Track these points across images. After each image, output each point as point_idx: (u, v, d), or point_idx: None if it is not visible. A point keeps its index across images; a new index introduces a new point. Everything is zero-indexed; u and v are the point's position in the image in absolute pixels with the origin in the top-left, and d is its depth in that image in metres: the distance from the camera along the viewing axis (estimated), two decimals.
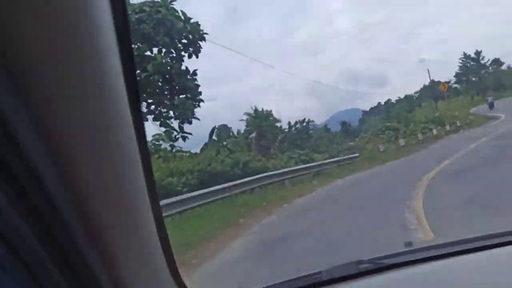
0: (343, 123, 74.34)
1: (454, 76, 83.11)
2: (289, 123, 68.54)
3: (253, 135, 56.81)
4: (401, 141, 22.05)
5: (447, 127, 26.06)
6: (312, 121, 66.79)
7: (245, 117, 56.08)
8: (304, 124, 69.04)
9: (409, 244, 1.41)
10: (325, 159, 22.83)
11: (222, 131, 22.06)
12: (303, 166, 16.54)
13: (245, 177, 13.64)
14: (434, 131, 24.57)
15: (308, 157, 23.51)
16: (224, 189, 11.32)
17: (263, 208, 9.74)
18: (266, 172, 14.88)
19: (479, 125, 26.02)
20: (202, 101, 23.55)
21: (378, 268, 1.18)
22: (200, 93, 24.28)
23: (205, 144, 21.53)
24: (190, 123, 22.84)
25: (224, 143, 21.06)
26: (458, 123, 27.40)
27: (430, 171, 10.35)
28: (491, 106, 40.41)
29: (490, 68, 79.56)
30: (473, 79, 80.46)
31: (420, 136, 23.28)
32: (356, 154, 19.97)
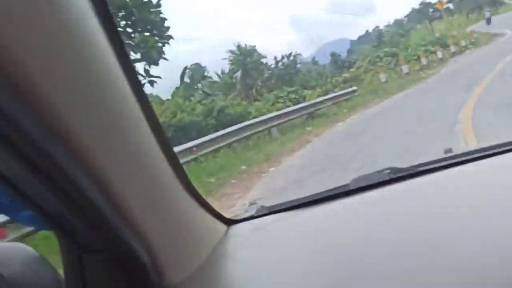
0: (333, 54, 70.38)
1: None
2: (275, 58, 63.87)
3: (238, 74, 53.04)
4: (404, 68, 19.01)
5: (452, 48, 22.92)
6: (299, 54, 62.79)
7: (228, 56, 51.19)
8: (291, 58, 64.98)
9: (449, 150, 1.22)
10: (318, 95, 19.90)
11: (196, 71, 18.78)
12: (293, 108, 13.60)
13: (222, 128, 10.84)
14: (439, 54, 21.47)
15: (299, 95, 20.53)
16: (186, 150, 8.47)
17: (241, 179, 6.94)
18: (248, 119, 12.06)
19: (486, 43, 22.96)
20: (171, 37, 20.14)
21: (412, 174, 1.06)
22: (167, 28, 20.68)
23: (176, 88, 18.41)
24: (157, 64, 19.73)
25: (199, 85, 17.92)
26: (463, 43, 24.22)
27: (462, 106, 7.62)
28: (488, 21, 38.99)
29: None
30: None
31: (423, 60, 20.22)
32: (354, 88, 17.01)
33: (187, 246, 0.79)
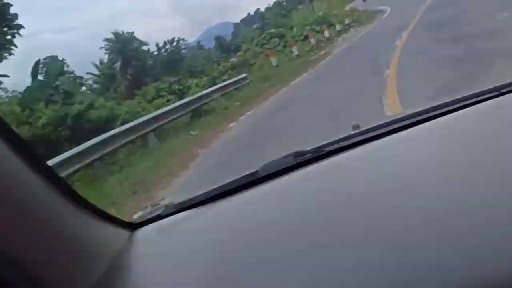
0: (217, 38, 68.26)
1: None
2: (157, 44, 59.65)
3: (118, 63, 48.63)
4: (294, 49, 17.55)
5: (337, 27, 22.33)
6: (183, 39, 59.26)
7: (104, 44, 46.64)
8: (175, 43, 61.19)
9: (356, 126, 1.20)
10: (205, 85, 17.55)
11: (51, 65, 15.00)
12: (174, 105, 11.04)
13: (75, 144, 7.94)
14: (326, 33, 20.60)
15: (183, 86, 17.94)
16: None
17: None
18: (114, 125, 9.28)
19: (371, 21, 22.82)
20: (22, 27, 16.41)
21: (319, 156, 1.06)
22: (15, 16, 16.58)
23: (28, 88, 14.47)
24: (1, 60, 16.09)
25: (57, 83, 14.28)
26: (347, 21, 23.85)
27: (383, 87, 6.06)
28: None
29: None
30: None
31: (312, 40, 19.08)
32: (244, 74, 15.02)
33: (81, 262, 0.77)
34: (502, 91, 1.05)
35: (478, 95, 1.07)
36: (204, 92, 12.51)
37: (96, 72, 47.73)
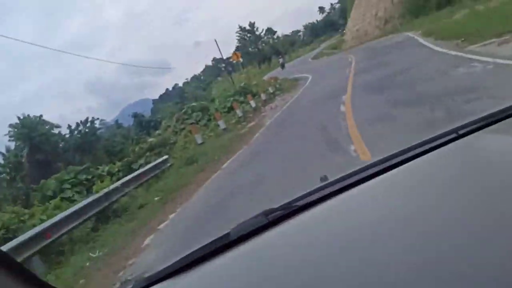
0: (135, 115, 65.46)
1: (235, 49, 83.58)
2: (69, 126, 56.01)
3: (26, 150, 43.95)
4: (220, 123, 15.74)
5: (263, 96, 21.30)
6: (98, 119, 55.45)
7: (8, 131, 42.00)
8: (89, 124, 56.96)
9: (324, 178, 1.27)
10: (119, 171, 14.82)
11: None
12: (71, 211, 8.20)
13: None
14: (252, 103, 19.32)
15: (92, 175, 14.98)
16: None
17: None
18: None
19: (294, 88, 22.22)
20: None
21: (289, 213, 1.08)
22: None
23: None
24: None
25: None
26: (271, 90, 23.05)
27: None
28: (282, 66, 43.43)
29: (265, 37, 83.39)
30: (252, 50, 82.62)
31: (238, 112, 17.54)
32: (165, 157, 12.69)
33: None
34: (460, 132, 1.10)
35: (439, 137, 1.11)
36: (115, 185, 9.84)
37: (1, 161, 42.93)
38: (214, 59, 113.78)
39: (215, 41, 37.85)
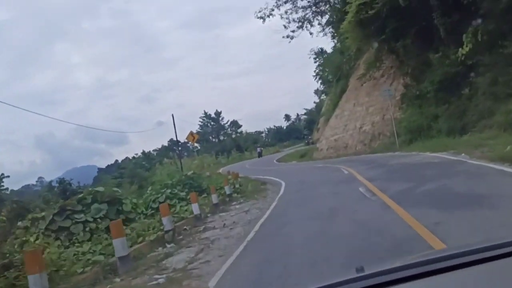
0: (62, 181, 55.77)
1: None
2: None
3: None
4: (117, 243, 8.32)
5: (214, 198, 14.34)
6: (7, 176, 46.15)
7: None
8: None
9: (360, 269, 1.20)
10: None
11: None
12: None
13: None
14: (195, 208, 12.22)
15: None
16: None
17: None
18: None
19: (260, 193, 15.58)
20: None
21: None
22: None
23: None
24: None
25: None
26: (227, 190, 16.24)
27: None
28: (259, 155, 43.83)
29: (229, 129, 79.29)
30: (213, 139, 77.66)
31: (166, 222, 10.27)
32: None
33: None
34: None
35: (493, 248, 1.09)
36: None
37: None
38: (170, 140, 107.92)
39: (172, 116, 31.70)
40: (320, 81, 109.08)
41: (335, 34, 43.03)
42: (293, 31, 44.59)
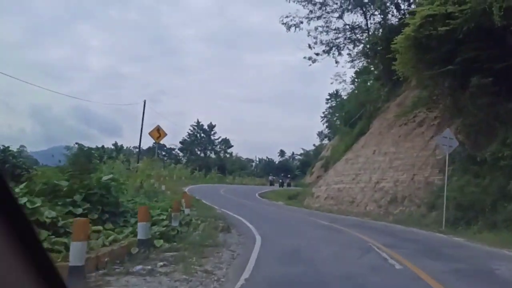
0: (5, 150, 48.00)
1: (180, 142, 70.87)
2: None
3: None
4: None
5: (139, 231, 7.27)
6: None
7: None
8: None
9: None
10: None
11: None
12: None
13: None
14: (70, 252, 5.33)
15: None
16: None
17: None
18: None
19: (213, 248, 8.42)
20: None
21: None
22: None
23: None
24: None
25: None
26: (173, 221, 9.15)
27: None
28: (271, 183, 42.88)
29: (219, 146, 72.21)
30: (199, 152, 70.52)
31: None
32: None
33: None
34: None
35: None
36: None
37: None
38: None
39: (144, 102, 24.86)
40: (326, 124, 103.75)
41: (367, 64, 36.80)
42: (317, 54, 38.48)
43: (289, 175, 79.73)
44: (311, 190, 31.16)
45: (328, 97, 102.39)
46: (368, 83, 33.10)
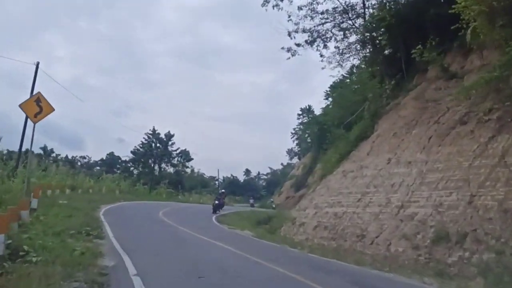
0: None
1: (132, 152, 60.84)
2: None
3: None
4: None
5: None
6: None
7: None
8: None
9: None
10: None
11: None
12: None
13: None
14: None
15: None
16: None
17: None
18: None
19: None
20: None
21: None
22: None
23: None
24: None
25: None
26: None
27: None
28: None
29: (176, 158, 62.68)
30: (152, 164, 60.68)
31: None
32: None
33: None
34: None
35: None
36: None
37: None
38: (110, 153, 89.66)
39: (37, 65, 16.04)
40: (296, 141, 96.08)
41: (363, 57, 29.31)
42: (298, 45, 30.73)
43: (252, 196, 71.21)
44: (289, 213, 22.63)
45: (300, 112, 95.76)
46: (367, 77, 25.41)
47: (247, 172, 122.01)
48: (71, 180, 26.47)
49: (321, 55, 30.81)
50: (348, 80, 32.85)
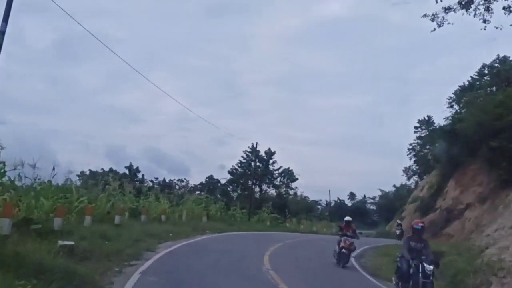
0: None
1: (229, 172, 54.68)
2: None
3: None
4: None
5: None
6: None
7: None
8: None
9: None
10: None
11: None
12: None
13: None
14: None
15: None
16: None
17: None
18: None
19: None
20: None
21: None
22: None
23: None
24: None
25: None
26: None
27: None
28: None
29: (278, 180, 54.99)
30: (251, 185, 54.02)
31: None
32: None
33: None
34: None
35: None
36: None
37: None
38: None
39: None
40: (413, 158, 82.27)
41: None
42: (447, 9, 20.90)
43: (399, 224, 60.33)
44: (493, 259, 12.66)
45: (418, 124, 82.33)
46: None
47: (351, 195, 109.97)
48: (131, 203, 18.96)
49: (485, 21, 20.53)
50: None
